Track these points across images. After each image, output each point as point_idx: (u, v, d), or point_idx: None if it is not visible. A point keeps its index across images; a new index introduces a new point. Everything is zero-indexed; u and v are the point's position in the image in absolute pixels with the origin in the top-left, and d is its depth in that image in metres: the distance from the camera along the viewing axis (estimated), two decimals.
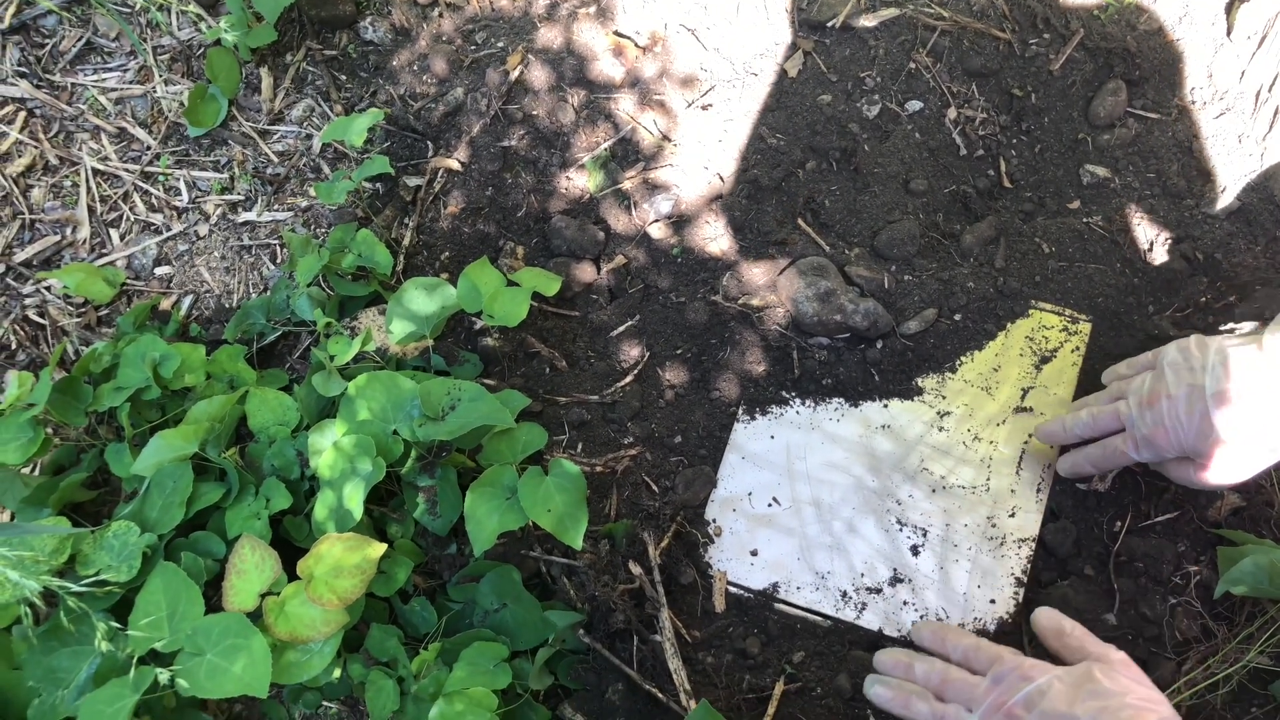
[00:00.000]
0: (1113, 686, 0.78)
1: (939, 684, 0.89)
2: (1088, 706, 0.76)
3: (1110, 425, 1.00)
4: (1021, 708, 0.80)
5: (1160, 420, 0.92)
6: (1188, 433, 0.90)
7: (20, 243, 1.39)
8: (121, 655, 0.98)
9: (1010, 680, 0.83)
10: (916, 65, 1.24)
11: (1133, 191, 1.18)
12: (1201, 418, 0.89)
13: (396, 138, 1.37)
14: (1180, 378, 0.91)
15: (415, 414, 1.05)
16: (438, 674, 1.00)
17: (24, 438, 1.14)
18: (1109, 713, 0.75)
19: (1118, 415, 0.98)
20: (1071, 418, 1.03)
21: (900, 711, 0.90)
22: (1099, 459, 1.01)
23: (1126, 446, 0.97)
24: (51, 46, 1.49)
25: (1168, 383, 0.92)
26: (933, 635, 0.95)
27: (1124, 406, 0.97)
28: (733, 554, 1.10)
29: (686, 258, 1.23)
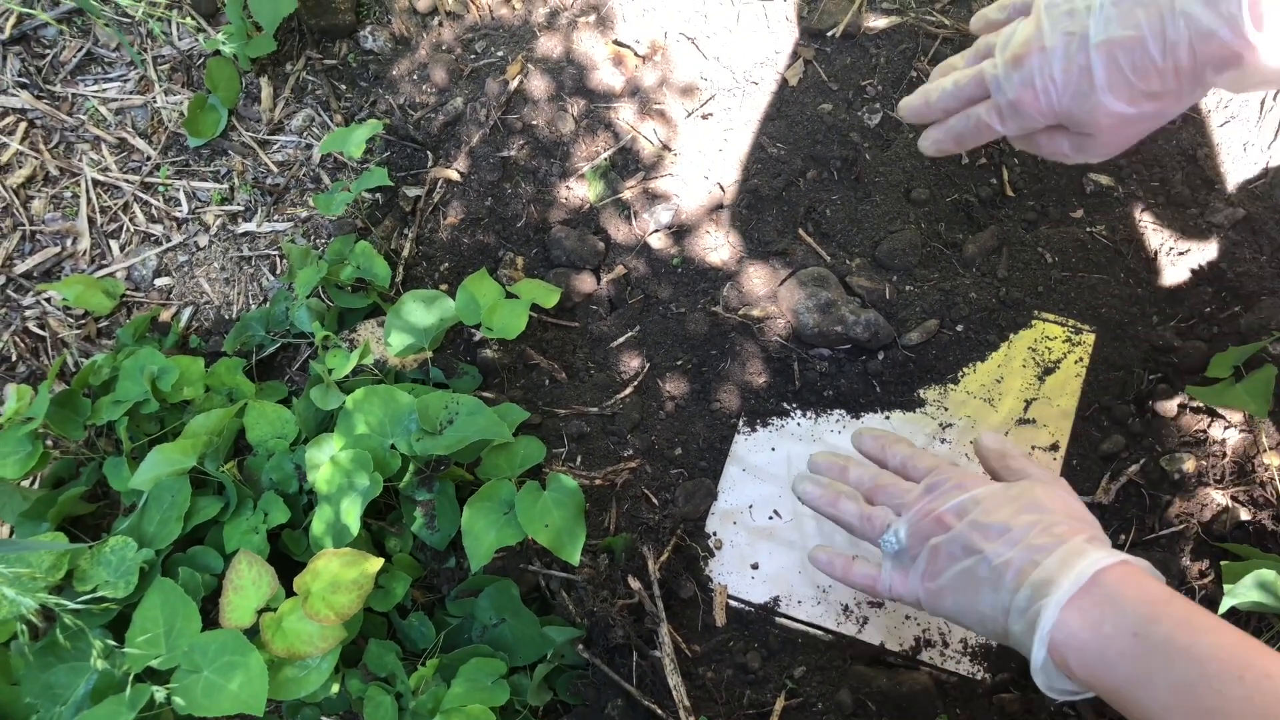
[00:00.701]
0: (1049, 503, 0.75)
1: (871, 487, 0.86)
2: (1023, 519, 0.73)
3: (975, 92, 0.81)
4: (953, 515, 0.77)
5: (1029, 80, 0.74)
6: (1062, 94, 0.73)
7: (21, 254, 1.39)
8: (118, 672, 0.98)
9: (944, 488, 0.80)
10: (918, 73, 1.23)
11: (1136, 200, 1.17)
12: (1081, 74, 0.71)
13: (396, 148, 1.37)
14: (1057, 24, 0.72)
15: (413, 428, 1.05)
16: (436, 690, 0.99)
17: (23, 451, 1.14)
18: (1043, 526, 0.72)
19: (982, 78, 0.79)
20: (934, 86, 0.84)
21: (828, 510, 0.88)
22: (961, 132, 0.83)
23: (990, 116, 0.79)
24: (52, 57, 1.49)
25: (1043, 31, 0.73)
26: (873, 440, 0.91)
27: (989, 66, 0.78)
28: (733, 567, 1.09)
29: (687, 268, 1.22)
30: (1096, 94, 0.71)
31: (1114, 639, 0.65)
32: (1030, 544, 0.71)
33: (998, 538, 0.73)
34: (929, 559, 0.78)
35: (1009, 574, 0.71)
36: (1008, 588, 0.71)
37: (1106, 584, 0.67)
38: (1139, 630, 0.64)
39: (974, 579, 0.74)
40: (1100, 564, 0.68)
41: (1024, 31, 0.75)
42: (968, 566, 0.74)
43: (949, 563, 0.76)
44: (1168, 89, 0.69)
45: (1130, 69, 0.69)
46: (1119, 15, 0.68)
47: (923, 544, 0.78)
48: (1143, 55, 0.68)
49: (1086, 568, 0.68)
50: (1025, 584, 0.70)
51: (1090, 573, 0.68)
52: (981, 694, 1.01)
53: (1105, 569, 0.68)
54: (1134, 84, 0.70)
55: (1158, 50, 0.67)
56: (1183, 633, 0.63)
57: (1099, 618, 0.66)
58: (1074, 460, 1.09)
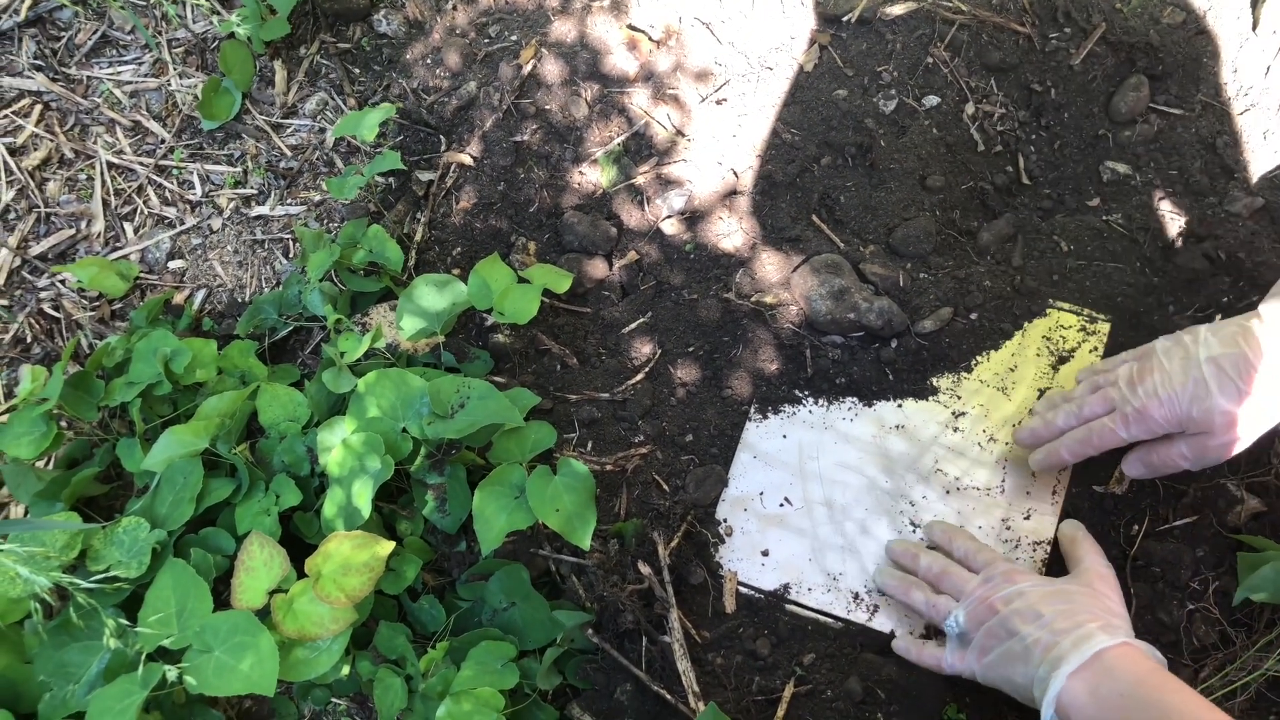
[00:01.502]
0: (1080, 597, 0.90)
1: (937, 576, 1.00)
2: (1054, 608, 0.88)
3: (1098, 411, 0.98)
4: (1001, 602, 0.91)
5: (1153, 392, 0.92)
6: (1182, 400, 0.90)
7: (36, 236, 1.40)
8: (131, 651, 0.99)
9: (997, 580, 0.94)
10: (934, 60, 1.22)
11: (1154, 189, 1.16)
12: (1196, 384, 0.89)
13: (409, 132, 1.36)
14: (1173, 354, 0.93)
15: (424, 412, 1.05)
16: (445, 672, 1.00)
17: (37, 432, 1.14)
18: (1067, 614, 0.87)
19: (1106, 399, 0.97)
20: (1054, 412, 1.03)
21: (902, 598, 1.02)
22: (1080, 442, 0.99)
23: (1115, 425, 0.96)
24: (67, 40, 1.49)
25: (1159, 359, 0.93)
26: (942, 533, 1.04)
27: (1112, 390, 0.97)
28: (743, 554, 1.09)
29: (699, 254, 1.21)
30: (1211, 398, 0.88)
31: (1106, 699, 0.81)
32: (1054, 628, 0.86)
33: (1032, 622, 0.88)
34: (982, 639, 0.92)
35: (1037, 651, 0.86)
36: (1034, 662, 0.86)
37: (1106, 659, 0.83)
38: (1125, 691, 0.80)
39: (1012, 655, 0.89)
40: (1103, 645, 0.83)
41: (1142, 362, 0.95)
42: (1009, 645, 0.89)
43: (995, 642, 0.91)
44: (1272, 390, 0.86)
45: (1235, 374, 0.87)
46: (1219, 340, 0.90)
47: (978, 627, 0.93)
48: (1244, 362, 0.87)
49: (1091, 647, 0.83)
50: (1046, 660, 0.85)
51: (1093, 651, 0.83)
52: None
53: (1108, 649, 0.83)
54: (1240, 386, 0.87)
55: (1255, 356, 0.86)
56: (1157, 692, 0.79)
57: (1096, 684, 0.82)
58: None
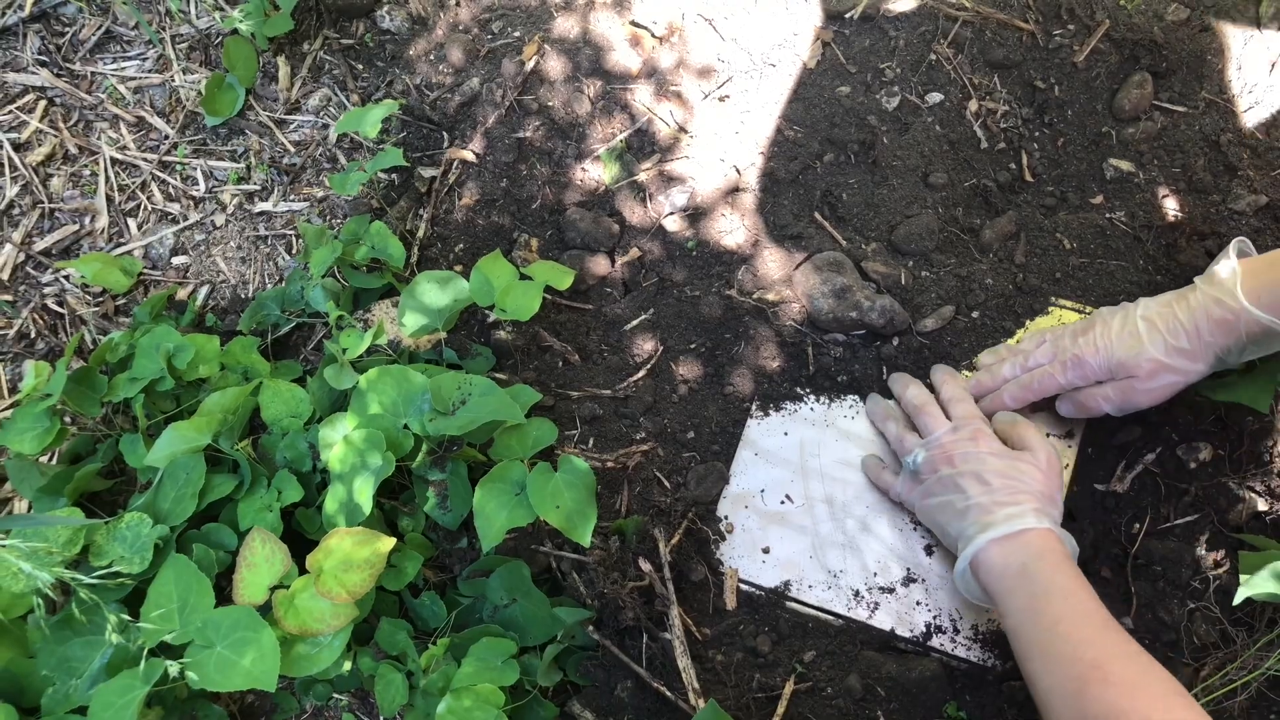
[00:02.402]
0: (1029, 476, 0.97)
1: (915, 409, 1.08)
2: (1003, 481, 0.97)
3: (1040, 361, 1.07)
4: (960, 458, 1.00)
5: (1091, 342, 1.02)
6: (1115, 349, 1.00)
7: (40, 231, 1.40)
8: (133, 646, 0.99)
9: (963, 436, 1.02)
10: (937, 56, 1.22)
11: (1157, 186, 1.16)
12: (1130, 335, 1.00)
13: (412, 128, 1.36)
14: (1114, 314, 1.03)
15: (426, 408, 1.05)
16: (446, 669, 1.00)
17: (41, 427, 1.14)
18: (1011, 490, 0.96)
19: (1047, 352, 1.07)
20: (1000, 365, 1.10)
21: (878, 425, 1.12)
22: (1022, 387, 1.07)
23: (1054, 370, 1.04)
24: (71, 35, 1.49)
25: (1102, 317, 1.04)
26: (940, 375, 1.12)
27: (1054, 344, 1.06)
28: (744, 551, 1.09)
29: (701, 251, 1.21)
30: (1140, 346, 0.98)
31: (1008, 567, 0.92)
32: (995, 499, 0.96)
33: (979, 485, 0.98)
34: (932, 484, 1.02)
35: (974, 513, 0.97)
36: (968, 521, 0.97)
37: (1025, 539, 0.92)
38: (1023, 562, 0.91)
39: (952, 509, 0.99)
40: (1029, 526, 0.93)
41: (1087, 320, 1.06)
42: (952, 499, 0.99)
43: (942, 490, 1.01)
44: (1192, 347, 0.96)
45: (1164, 329, 0.98)
46: (1155, 303, 1.00)
47: (932, 472, 1.02)
48: (1173, 319, 0.97)
49: (1018, 524, 0.93)
50: (978, 522, 0.96)
51: (1018, 528, 0.93)
52: (991, 681, 1.01)
53: (1031, 530, 0.92)
54: (1166, 340, 0.97)
55: (1184, 316, 0.96)
56: (1048, 569, 0.90)
57: (1007, 553, 0.93)
58: (1089, 449, 1.09)
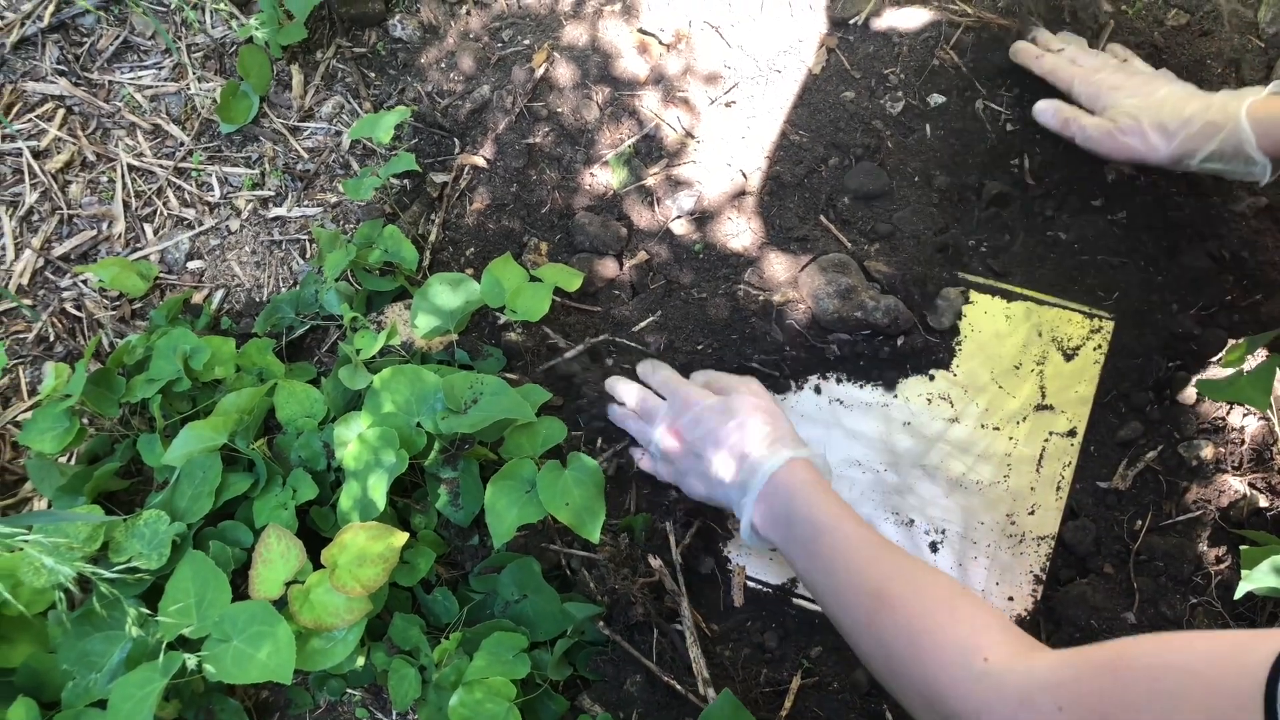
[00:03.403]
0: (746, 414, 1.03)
1: (638, 404, 1.14)
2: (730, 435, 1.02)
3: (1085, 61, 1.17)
4: (685, 429, 1.06)
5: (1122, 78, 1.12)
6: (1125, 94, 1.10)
7: (59, 237, 1.43)
8: (151, 640, 1.01)
9: (677, 407, 1.08)
10: (941, 61, 1.24)
11: (1158, 188, 1.17)
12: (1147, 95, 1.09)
13: (424, 135, 1.39)
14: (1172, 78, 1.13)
15: (438, 407, 1.07)
16: (458, 663, 1.02)
17: (60, 427, 1.17)
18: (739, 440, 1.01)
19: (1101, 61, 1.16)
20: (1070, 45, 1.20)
21: (620, 424, 1.16)
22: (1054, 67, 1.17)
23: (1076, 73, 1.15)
24: (89, 45, 1.52)
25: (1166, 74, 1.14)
26: (646, 368, 1.18)
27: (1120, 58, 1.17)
28: (751, 548, 1.11)
29: (708, 254, 1.23)
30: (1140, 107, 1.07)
31: (777, 517, 0.97)
32: (733, 453, 1.02)
33: (712, 448, 1.03)
34: (678, 463, 1.07)
35: (725, 476, 1.02)
36: (726, 484, 1.02)
37: (775, 481, 0.98)
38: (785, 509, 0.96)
39: (706, 477, 1.04)
40: (772, 468, 0.98)
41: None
42: (699, 468, 1.05)
43: (688, 464, 1.06)
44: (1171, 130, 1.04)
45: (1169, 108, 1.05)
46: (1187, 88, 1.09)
47: (675, 452, 1.07)
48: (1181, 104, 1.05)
49: (763, 473, 0.98)
50: (735, 485, 1.01)
51: (765, 477, 0.98)
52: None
53: (776, 471, 0.98)
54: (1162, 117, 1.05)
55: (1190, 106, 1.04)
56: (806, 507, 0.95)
57: (769, 505, 0.98)
58: (1091, 447, 1.10)
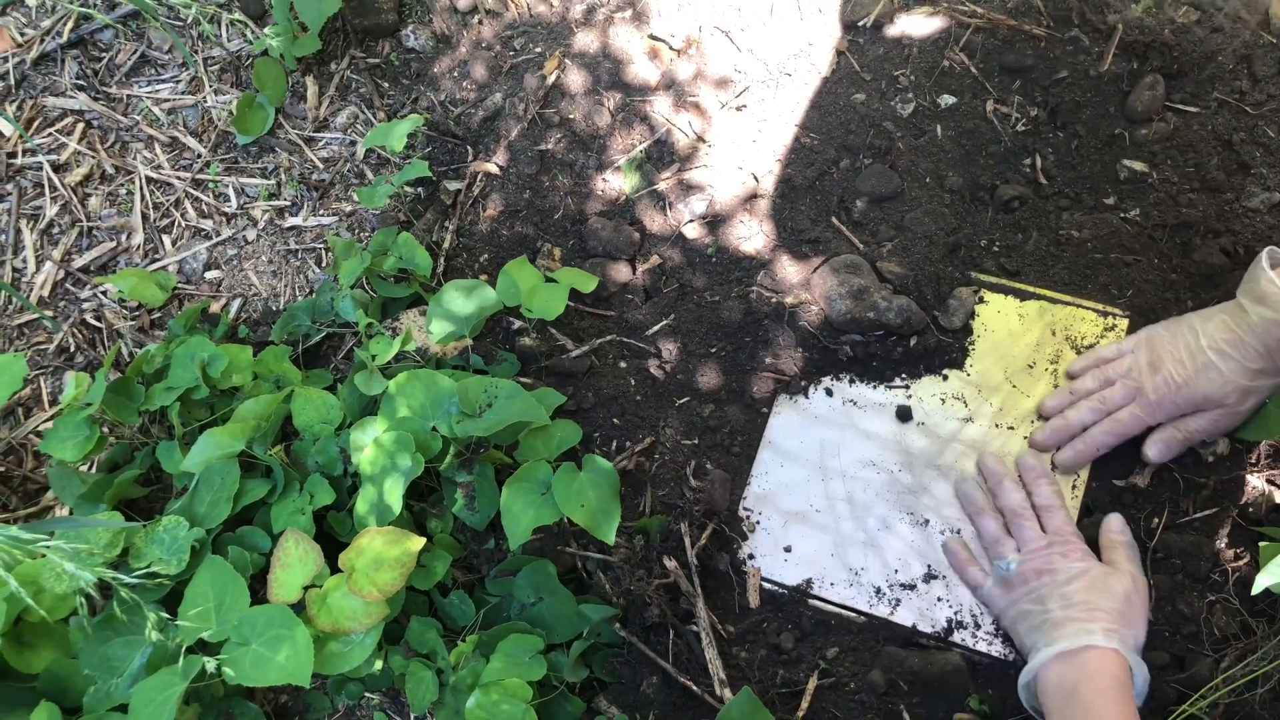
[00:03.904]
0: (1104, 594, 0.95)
1: (1011, 515, 1.06)
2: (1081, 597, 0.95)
3: (1119, 402, 1.07)
4: (1048, 574, 0.98)
5: (1170, 379, 1.03)
6: (1197, 383, 1.01)
7: (79, 249, 1.45)
8: (171, 645, 1.02)
9: (1056, 551, 1.00)
10: (951, 63, 1.24)
11: (1171, 186, 1.17)
12: (1206, 367, 1.00)
13: (437, 143, 1.40)
14: (1176, 343, 1.04)
15: (454, 411, 1.08)
16: (475, 665, 1.02)
17: (81, 435, 1.18)
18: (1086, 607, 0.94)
19: (1127, 390, 1.06)
20: (1075, 410, 1.09)
21: (974, 516, 1.09)
22: (1106, 434, 1.06)
23: (1140, 412, 1.05)
24: (108, 60, 1.54)
25: (1167, 349, 1.05)
26: (1030, 469, 1.09)
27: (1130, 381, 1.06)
28: (766, 550, 1.11)
29: (721, 257, 1.24)
30: (1222, 376, 0.99)
31: (1062, 685, 0.91)
32: (1070, 614, 0.94)
33: (1058, 600, 0.96)
34: (1020, 595, 1.00)
35: (1047, 627, 0.95)
36: (1040, 634, 0.96)
37: (1085, 658, 0.91)
38: (1075, 683, 0.90)
39: (1031, 619, 0.98)
40: (1093, 643, 0.91)
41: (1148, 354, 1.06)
42: (1033, 609, 0.98)
43: (1027, 603, 0.99)
44: (1267, 366, 0.98)
45: (1236, 353, 0.99)
46: (1213, 327, 1.01)
47: (1023, 584, 1.00)
48: (1239, 342, 0.98)
49: (1082, 640, 0.91)
50: (1049, 635, 0.94)
51: (1081, 644, 0.91)
52: (1013, 675, 1.02)
53: (1094, 648, 0.91)
54: (1247, 366, 0.98)
55: (1252, 340, 0.97)
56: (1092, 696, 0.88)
57: (1064, 673, 0.91)
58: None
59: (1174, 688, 0.97)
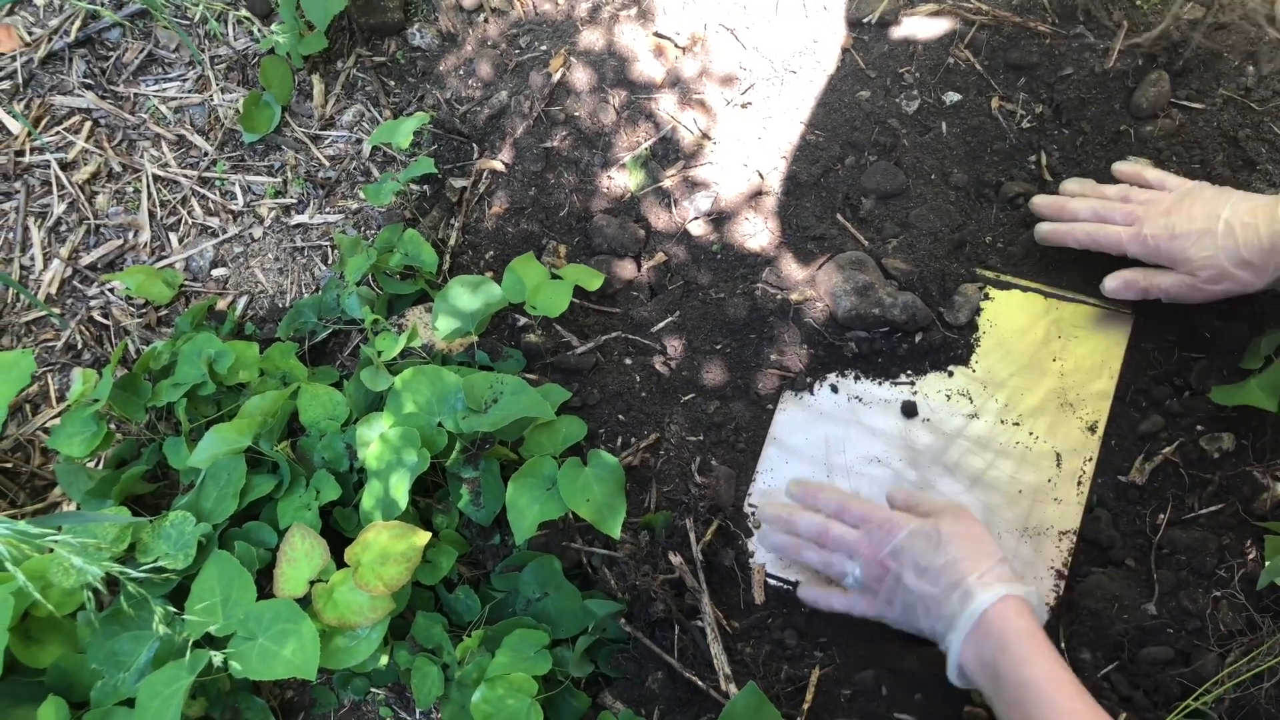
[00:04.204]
0: (954, 542, 0.95)
1: (818, 535, 1.05)
2: (937, 560, 0.94)
3: (1115, 219, 1.09)
4: (889, 559, 0.98)
5: (1170, 226, 1.03)
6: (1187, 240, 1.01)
7: (86, 247, 1.45)
8: (178, 639, 1.02)
9: (877, 535, 1.00)
10: (956, 60, 1.24)
11: None
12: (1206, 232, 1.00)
13: (443, 141, 1.40)
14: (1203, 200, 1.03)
15: (459, 407, 1.08)
16: (481, 660, 1.02)
17: (88, 431, 1.19)
18: (949, 566, 0.93)
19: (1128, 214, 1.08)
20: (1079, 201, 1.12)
21: (795, 558, 1.07)
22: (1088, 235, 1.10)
23: (1125, 238, 1.06)
24: (115, 58, 1.55)
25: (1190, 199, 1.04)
26: (803, 493, 1.09)
27: (1138, 209, 1.07)
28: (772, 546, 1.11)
29: (726, 254, 1.24)
30: (1214, 248, 0.99)
31: (986, 664, 0.89)
32: (940, 582, 0.93)
33: (922, 577, 0.95)
34: (884, 593, 0.99)
35: (931, 605, 0.94)
36: (931, 617, 0.94)
37: (985, 621, 0.89)
38: (993, 659, 0.88)
39: (913, 609, 0.96)
40: (983, 605, 0.89)
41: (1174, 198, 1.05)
42: (905, 599, 0.97)
43: (894, 595, 0.98)
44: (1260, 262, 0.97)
45: (1242, 238, 0.98)
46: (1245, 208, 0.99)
47: (876, 582, 0.99)
48: (1253, 232, 0.97)
49: (974, 610, 0.90)
50: (941, 618, 0.93)
51: (976, 614, 0.89)
52: None
53: (988, 609, 0.89)
54: (1241, 251, 0.98)
55: (1265, 229, 0.96)
56: (1015, 664, 0.86)
57: (979, 649, 0.89)
58: (1112, 440, 1.10)
59: (1179, 683, 0.97)
